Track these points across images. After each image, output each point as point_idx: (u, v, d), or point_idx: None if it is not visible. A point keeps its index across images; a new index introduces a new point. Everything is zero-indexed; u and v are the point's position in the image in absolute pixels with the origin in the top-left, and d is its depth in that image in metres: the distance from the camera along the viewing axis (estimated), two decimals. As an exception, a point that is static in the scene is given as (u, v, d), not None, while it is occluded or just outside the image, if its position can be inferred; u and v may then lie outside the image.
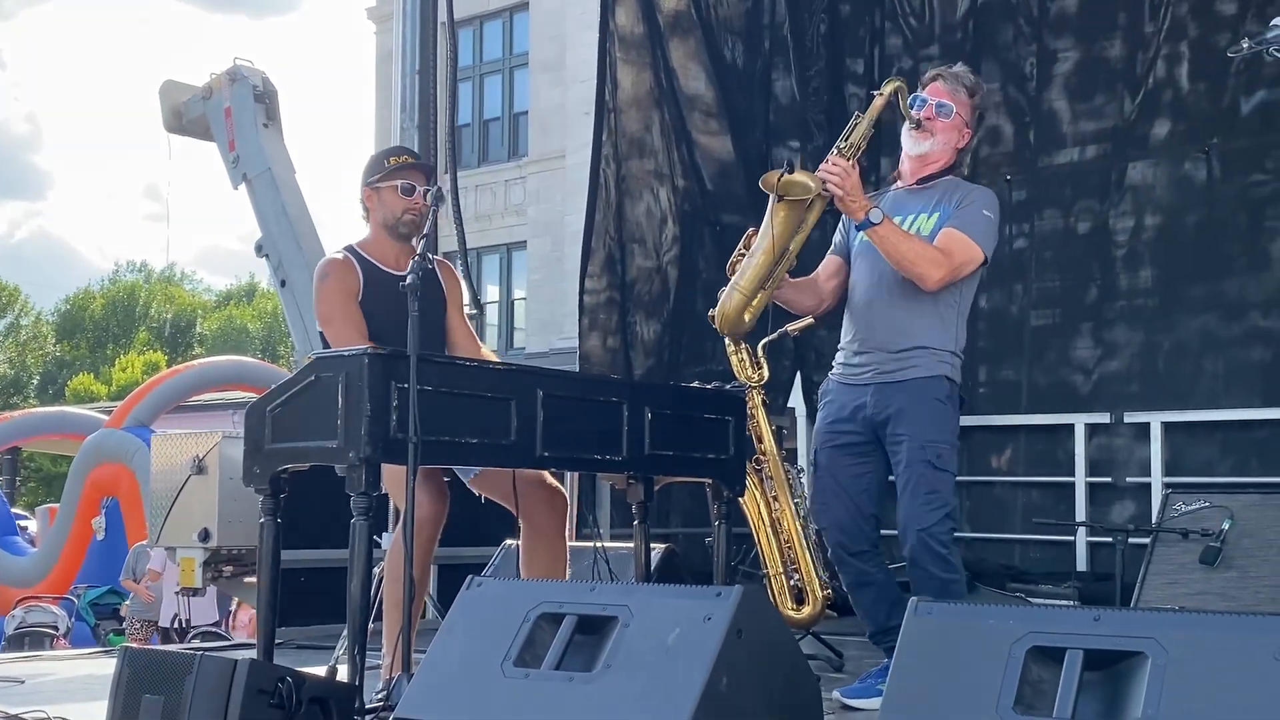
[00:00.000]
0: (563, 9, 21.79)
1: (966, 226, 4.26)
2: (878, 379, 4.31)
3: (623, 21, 7.68)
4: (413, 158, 4.61)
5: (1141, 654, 2.31)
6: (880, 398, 4.29)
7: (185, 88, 11.76)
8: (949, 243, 4.23)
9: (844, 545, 4.35)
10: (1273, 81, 7.29)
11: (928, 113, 4.34)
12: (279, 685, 2.92)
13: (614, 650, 2.71)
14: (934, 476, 4.16)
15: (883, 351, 4.31)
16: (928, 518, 4.11)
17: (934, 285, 4.22)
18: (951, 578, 4.12)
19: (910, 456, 4.19)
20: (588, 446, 4.04)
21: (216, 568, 6.59)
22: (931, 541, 4.10)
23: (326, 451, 3.51)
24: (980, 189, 4.49)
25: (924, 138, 4.33)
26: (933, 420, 4.22)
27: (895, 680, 2.48)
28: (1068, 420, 7.68)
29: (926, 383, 4.25)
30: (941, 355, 4.29)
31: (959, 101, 4.39)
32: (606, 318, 7.59)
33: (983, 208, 4.31)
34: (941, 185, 4.39)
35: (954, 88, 4.40)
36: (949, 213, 4.29)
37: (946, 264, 4.20)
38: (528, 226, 22.22)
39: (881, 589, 4.37)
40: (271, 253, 10.66)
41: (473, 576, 3.06)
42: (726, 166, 8.25)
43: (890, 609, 4.34)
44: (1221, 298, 7.39)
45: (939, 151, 4.36)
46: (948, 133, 4.36)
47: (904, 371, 4.27)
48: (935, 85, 4.42)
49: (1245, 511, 4.93)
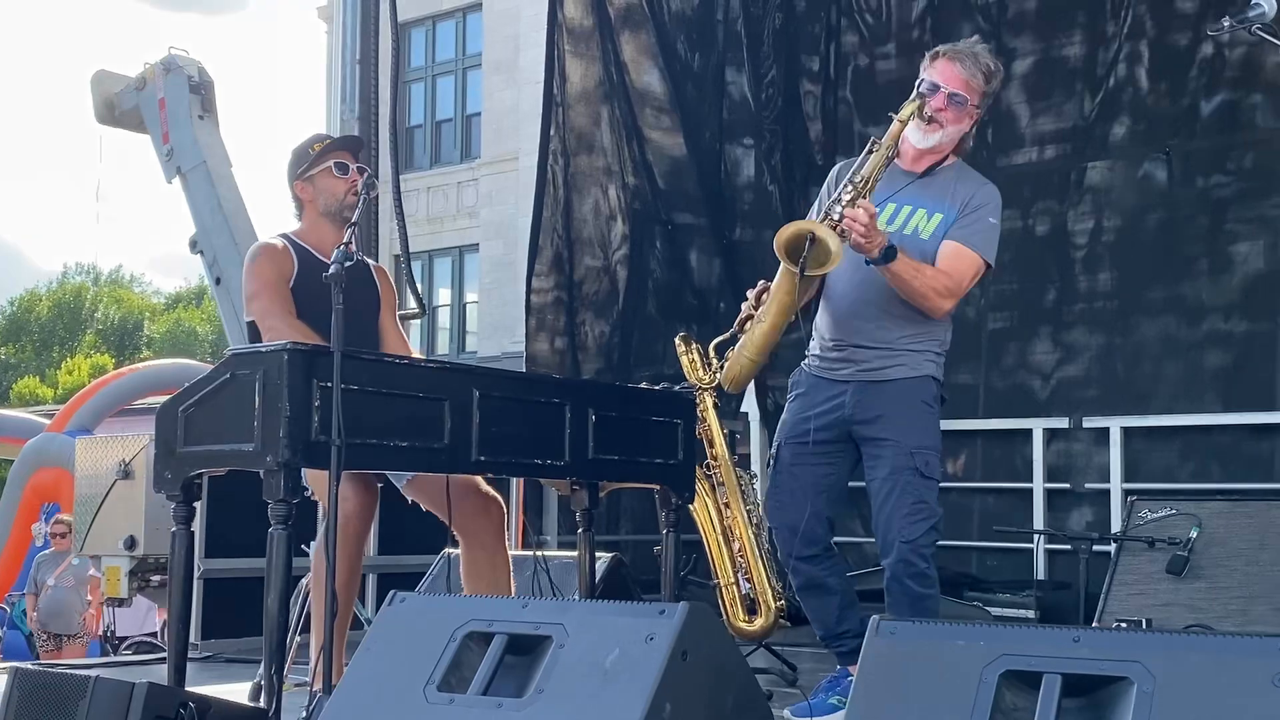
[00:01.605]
0: (516, 9, 21.56)
1: (972, 241, 4.01)
2: (858, 376, 4.06)
3: (571, 13, 7.47)
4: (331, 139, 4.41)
5: (1126, 679, 2.10)
6: (862, 397, 4.05)
7: (118, 78, 11.42)
8: (956, 264, 3.99)
9: (795, 548, 4.11)
10: (1234, 83, 7.19)
11: (939, 104, 3.99)
12: (180, 711, 2.67)
13: (547, 673, 2.48)
14: (921, 485, 3.94)
15: (865, 349, 4.06)
16: (913, 529, 3.89)
17: (943, 315, 4.03)
18: (929, 593, 3.91)
19: (896, 463, 3.95)
20: (527, 451, 3.81)
21: (143, 576, 6.31)
22: (914, 556, 3.88)
23: (243, 455, 3.27)
24: (985, 189, 4.14)
25: (933, 131, 4.01)
26: (919, 425, 4.00)
27: (855, 706, 2.26)
28: (1025, 425, 7.54)
29: (913, 384, 4.03)
30: (927, 354, 4.07)
31: (973, 89, 4.02)
32: (554, 318, 7.37)
33: (989, 215, 4.06)
34: (943, 175, 4.11)
35: (970, 73, 4.00)
36: (953, 217, 4.02)
37: (955, 291, 4.00)
38: (480, 229, 21.99)
39: (830, 592, 4.16)
40: (206, 249, 10.36)
41: (395, 591, 2.82)
42: (679, 164, 8.06)
43: (841, 613, 4.16)
44: (1181, 301, 7.27)
45: (947, 143, 4.08)
46: (958, 123, 4.05)
47: (888, 370, 4.03)
48: (950, 69, 4.00)
49: (1213, 519, 4.77)
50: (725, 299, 8.26)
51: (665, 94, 7.94)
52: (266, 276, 4.15)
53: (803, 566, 4.12)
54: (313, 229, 4.32)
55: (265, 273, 4.16)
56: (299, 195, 4.34)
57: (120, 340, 46.11)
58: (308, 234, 4.31)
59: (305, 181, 4.29)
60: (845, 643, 4.13)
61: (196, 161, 10.62)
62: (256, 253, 4.23)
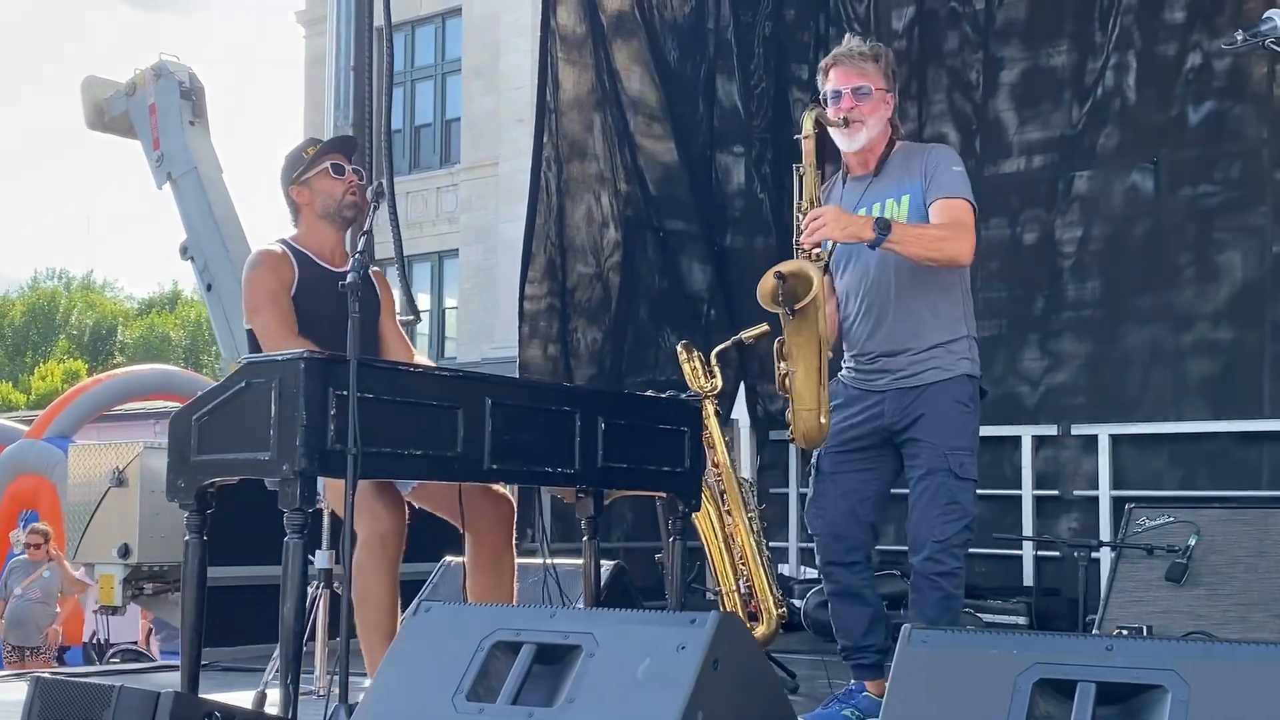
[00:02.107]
0: (496, 15, 21.55)
1: (948, 190, 4.06)
2: (895, 384, 4.09)
3: (564, 20, 7.47)
4: (322, 141, 4.41)
5: (1160, 687, 2.12)
6: (899, 404, 4.07)
7: (108, 84, 11.38)
8: (950, 213, 4.02)
9: (836, 553, 4.13)
10: (1221, 93, 7.25)
11: (847, 104, 4.07)
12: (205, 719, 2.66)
13: (577, 682, 2.48)
14: (955, 486, 3.96)
15: (896, 357, 4.08)
16: (947, 529, 3.92)
17: (969, 258, 4.04)
18: (957, 594, 3.95)
19: (931, 464, 3.98)
20: (539, 459, 3.80)
21: (137, 585, 6.27)
22: (946, 555, 3.91)
23: (258, 464, 3.25)
24: (934, 149, 4.25)
25: (856, 131, 4.08)
26: (954, 426, 4.02)
27: (891, 714, 2.28)
28: (1014, 432, 7.59)
29: (948, 385, 4.04)
30: (957, 349, 4.09)
31: (868, 75, 4.10)
32: (547, 325, 7.36)
33: (950, 165, 4.11)
34: (894, 162, 4.17)
35: (858, 65, 4.10)
36: (920, 189, 4.08)
37: (964, 228, 4.02)
38: (459, 234, 21.95)
39: (865, 604, 4.16)
40: (197, 255, 10.32)
41: (420, 600, 2.82)
42: (670, 171, 8.08)
43: (871, 625, 4.16)
44: (1169, 309, 7.33)
45: (876, 135, 4.13)
46: (875, 112, 4.10)
47: (923, 375, 4.06)
48: (839, 73, 4.11)
49: (1211, 527, 4.80)
50: (716, 306, 8.29)
51: (657, 101, 7.96)
52: (268, 287, 4.13)
53: (841, 573, 4.13)
54: (310, 233, 4.31)
55: (267, 283, 4.13)
56: (295, 200, 4.32)
57: (94, 346, 45.86)
58: (306, 238, 4.30)
59: (301, 186, 4.28)
60: (868, 656, 4.14)
61: (187, 167, 10.58)
62: (257, 261, 4.19)
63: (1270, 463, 6.91)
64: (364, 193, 4.21)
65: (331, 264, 4.25)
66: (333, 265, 4.25)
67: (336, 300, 4.10)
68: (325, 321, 4.05)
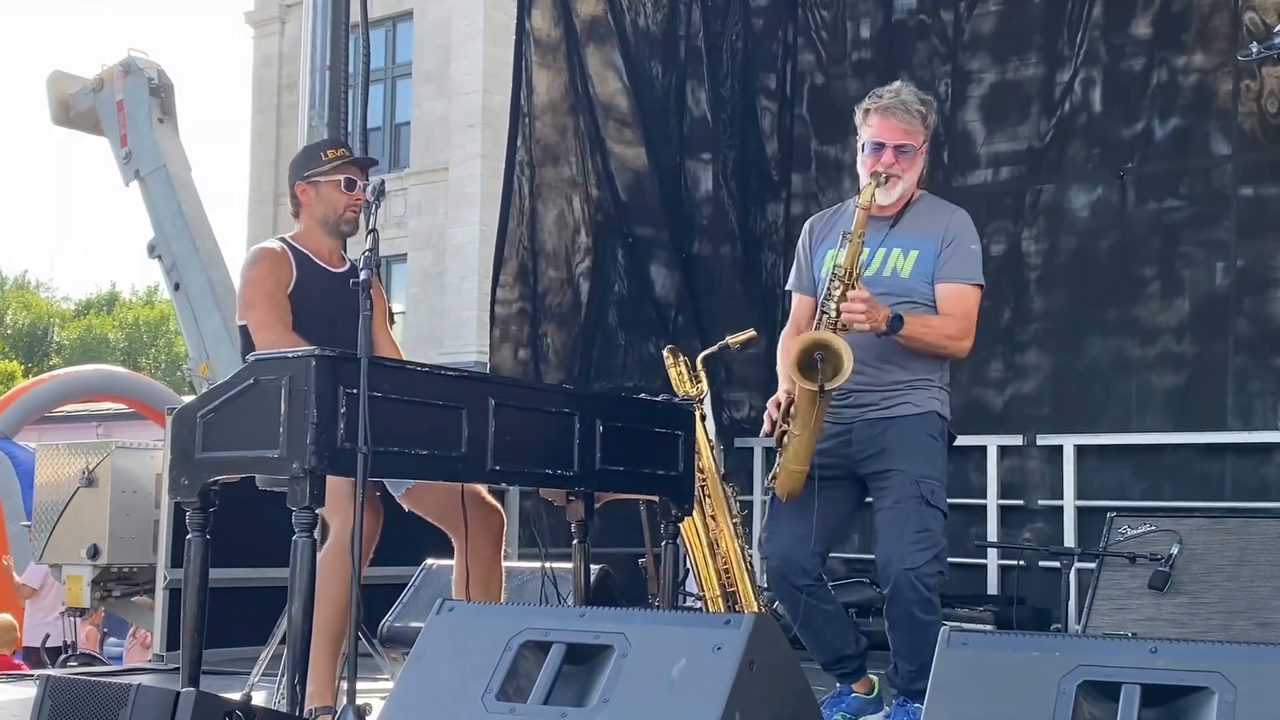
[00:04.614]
0: (448, 20, 21.45)
1: (962, 274, 4.05)
2: (864, 416, 4.06)
3: (539, 24, 7.46)
4: (349, 151, 4.36)
5: (1206, 689, 2.14)
6: (867, 434, 4.05)
7: (74, 79, 11.21)
8: (958, 304, 4.03)
9: (788, 578, 4.08)
10: (1187, 108, 7.36)
11: (888, 160, 4.02)
12: (227, 719, 2.62)
13: (611, 683, 2.47)
14: (925, 514, 3.92)
15: (868, 392, 4.05)
16: (917, 557, 3.86)
17: (967, 353, 4.09)
18: (932, 619, 3.85)
19: (901, 492, 3.94)
20: (538, 460, 3.79)
21: (105, 587, 6.17)
22: (918, 583, 3.84)
23: (266, 462, 3.21)
24: (957, 217, 4.16)
25: (893, 186, 4.03)
26: (925, 456, 4.00)
27: (931, 716, 2.28)
28: (980, 442, 7.63)
29: (919, 419, 4.04)
30: (931, 390, 4.09)
31: (913, 135, 4.07)
32: (518, 329, 7.33)
33: (969, 243, 4.09)
34: (914, 212, 4.14)
35: (907, 121, 4.06)
36: (932, 251, 4.05)
37: (968, 330, 4.04)
38: (408, 239, 21.82)
39: (827, 620, 4.13)
40: (165, 254, 10.18)
41: (444, 599, 2.79)
42: (640, 177, 8.07)
43: (841, 638, 4.15)
44: (1135, 322, 7.42)
45: (908, 190, 4.11)
46: (913, 168, 4.08)
47: (895, 408, 4.04)
48: (886, 124, 4.05)
49: (1193, 535, 4.85)
50: (684, 312, 8.29)
51: (628, 107, 7.95)
52: (265, 286, 4.09)
53: (796, 595, 4.08)
54: (309, 234, 4.28)
55: (264, 282, 4.09)
56: (298, 195, 4.29)
57: (29, 346, 45.12)
58: (305, 239, 4.27)
59: (309, 184, 4.24)
60: (847, 665, 4.14)
61: (156, 165, 10.44)
62: (256, 259, 4.15)
63: (1233, 474, 7.01)
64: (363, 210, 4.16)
65: (330, 265, 4.23)
66: (331, 266, 4.23)
67: (333, 300, 4.08)
68: (320, 321, 4.02)
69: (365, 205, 3.78)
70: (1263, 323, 7.05)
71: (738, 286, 8.33)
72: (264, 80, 23.83)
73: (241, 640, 5.15)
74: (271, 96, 23.45)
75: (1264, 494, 6.69)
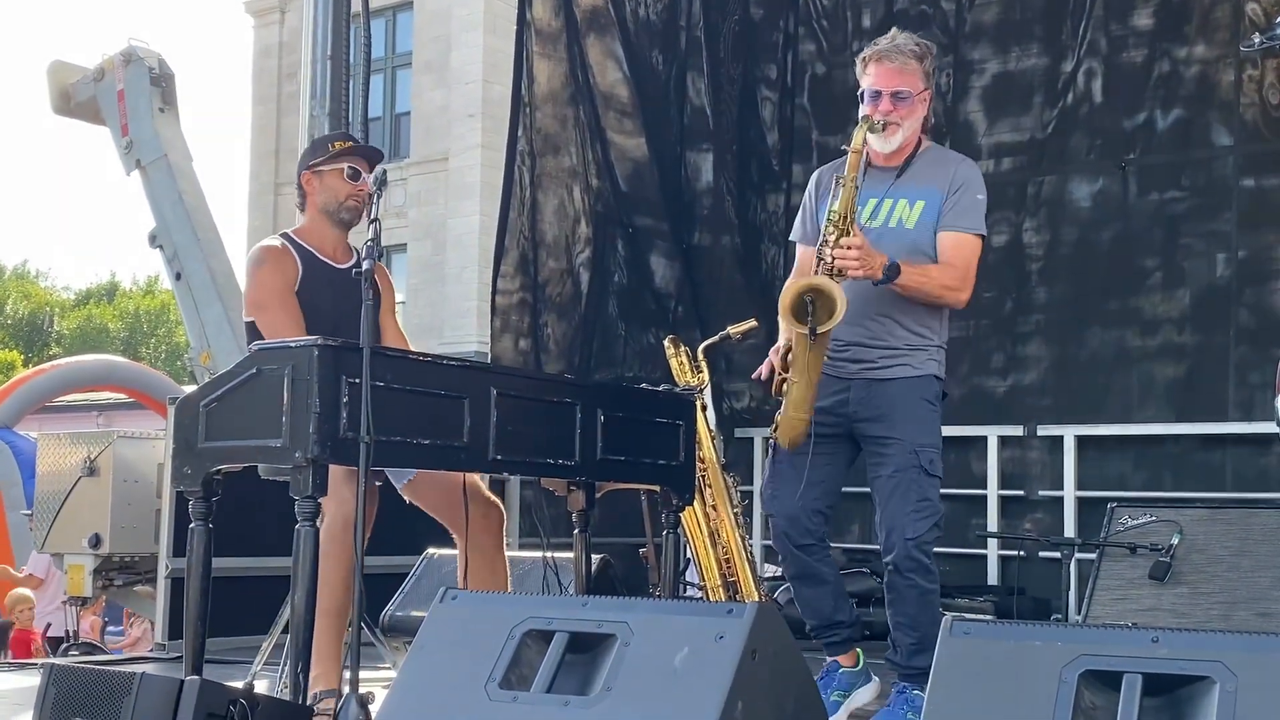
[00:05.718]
0: (447, 10, 21.42)
1: (963, 223, 4.05)
2: (862, 374, 4.07)
3: (540, 14, 7.44)
4: (356, 142, 4.36)
5: (1208, 679, 2.14)
6: (866, 394, 4.06)
7: (75, 69, 11.19)
8: (957, 253, 4.02)
9: (791, 537, 4.11)
10: (1189, 99, 7.35)
11: (885, 107, 3.99)
12: (230, 708, 2.62)
13: (614, 671, 2.47)
14: (925, 483, 3.95)
15: (868, 347, 4.06)
16: (918, 526, 3.90)
17: (965, 303, 4.08)
18: (933, 588, 3.94)
19: (901, 461, 3.97)
20: (540, 450, 3.79)
21: (107, 576, 6.18)
22: (918, 551, 3.90)
23: (269, 451, 3.21)
24: (964, 165, 4.16)
25: (892, 133, 4.02)
26: (923, 423, 4.02)
27: (933, 706, 2.28)
28: (981, 432, 7.65)
29: (916, 382, 4.05)
30: (929, 351, 4.10)
31: (909, 78, 4.01)
32: (519, 319, 7.33)
33: (975, 193, 4.07)
34: (920, 162, 4.12)
35: (902, 64, 4.01)
36: (938, 199, 4.04)
37: (967, 279, 4.04)
38: (408, 229, 21.81)
39: (824, 582, 4.17)
40: (166, 244, 10.18)
41: (446, 589, 2.80)
42: (640, 167, 8.06)
43: (835, 603, 4.18)
44: (1136, 313, 7.43)
45: (909, 137, 4.09)
46: (912, 115, 4.05)
47: (892, 369, 4.05)
48: (882, 70, 4.02)
49: (1193, 526, 4.86)
50: (684, 303, 8.30)
51: (629, 97, 7.94)
52: (273, 286, 4.09)
53: (799, 556, 4.11)
54: (313, 227, 4.27)
55: (272, 282, 4.09)
56: (304, 186, 4.29)
57: (29, 336, 45.13)
58: (308, 233, 4.26)
59: (314, 173, 4.25)
60: (838, 632, 4.17)
61: (157, 155, 10.42)
62: (261, 259, 4.14)
63: (1234, 465, 7.02)
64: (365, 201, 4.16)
65: (333, 259, 4.22)
66: (334, 261, 4.23)
67: (338, 295, 4.08)
68: (327, 317, 4.02)
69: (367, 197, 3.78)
70: (1264, 314, 7.05)
71: (738, 277, 8.33)
72: (264, 70, 23.81)
73: (244, 629, 5.17)
74: (272, 86, 23.43)
75: (1265, 484, 6.69)
